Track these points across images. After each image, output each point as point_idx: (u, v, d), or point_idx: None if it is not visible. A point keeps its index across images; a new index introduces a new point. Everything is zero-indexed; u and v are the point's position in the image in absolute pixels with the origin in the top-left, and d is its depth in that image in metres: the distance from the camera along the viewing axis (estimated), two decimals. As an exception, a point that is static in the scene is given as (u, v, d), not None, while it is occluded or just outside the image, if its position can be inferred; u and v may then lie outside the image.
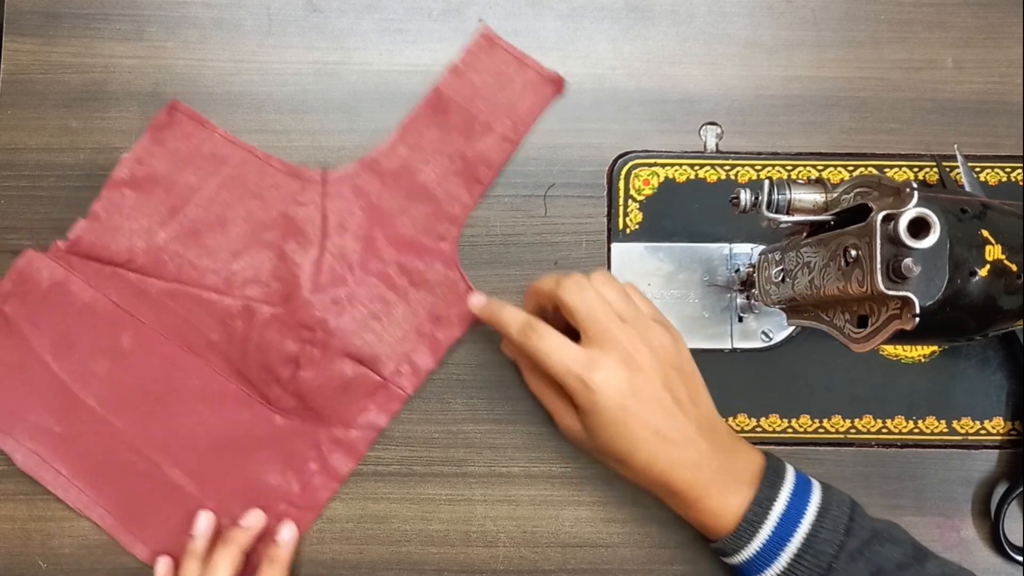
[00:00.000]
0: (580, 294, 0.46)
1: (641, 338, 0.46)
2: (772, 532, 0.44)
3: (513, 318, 0.48)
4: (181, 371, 0.53)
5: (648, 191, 0.55)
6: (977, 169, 0.55)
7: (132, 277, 0.53)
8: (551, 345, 0.46)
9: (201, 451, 0.52)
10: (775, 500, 0.44)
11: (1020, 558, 0.51)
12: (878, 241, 0.37)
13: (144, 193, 0.53)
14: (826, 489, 0.46)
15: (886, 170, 0.55)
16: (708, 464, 0.45)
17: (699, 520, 0.46)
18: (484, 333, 0.54)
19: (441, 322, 0.53)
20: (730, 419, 0.53)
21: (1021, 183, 0.55)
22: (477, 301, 0.51)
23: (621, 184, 0.55)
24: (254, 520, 0.51)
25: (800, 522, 0.44)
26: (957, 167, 0.53)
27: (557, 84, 0.55)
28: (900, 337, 0.39)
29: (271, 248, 0.53)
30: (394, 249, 0.53)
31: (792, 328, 0.53)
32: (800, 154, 0.55)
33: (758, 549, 0.44)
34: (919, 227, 0.36)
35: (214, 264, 0.53)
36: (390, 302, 0.52)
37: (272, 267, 0.53)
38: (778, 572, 0.44)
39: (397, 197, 0.54)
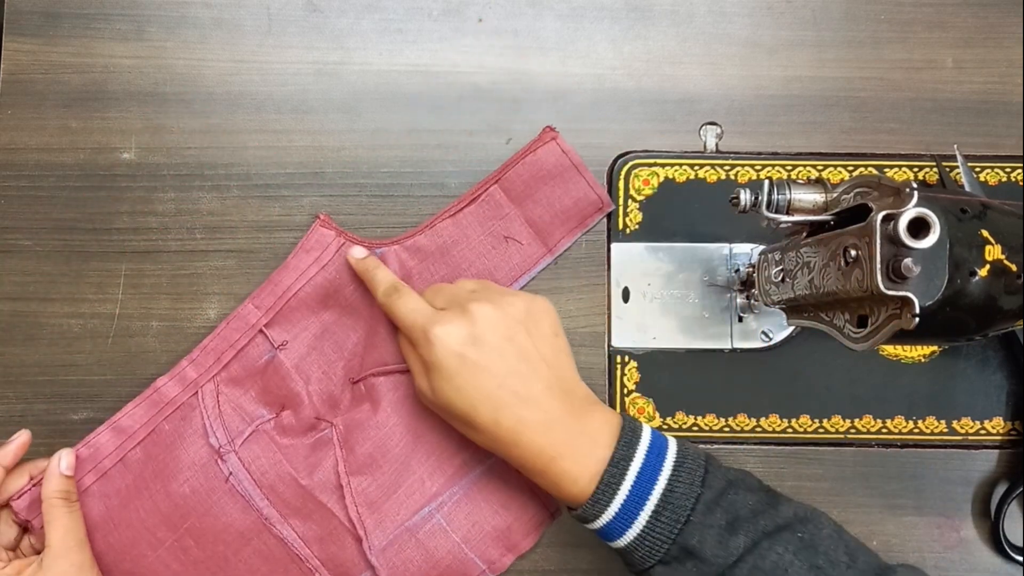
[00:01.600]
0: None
1: (487, 300, 0.47)
2: (630, 491, 0.43)
3: (383, 278, 0.51)
4: None
5: (648, 191, 0.55)
6: (977, 169, 0.55)
7: None
8: (408, 305, 0.48)
9: None
10: (632, 459, 0.44)
11: (1020, 558, 0.51)
12: (878, 241, 0.37)
13: None
14: (681, 445, 0.45)
15: (886, 170, 0.55)
16: (560, 426, 0.44)
17: (556, 485, 0.45)
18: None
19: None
20: (730, 419, 0.53)
21: (1021, 183, 0.55)
22: (358, 253, 0.52)
23: (621, 184, 0.55)
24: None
25: (657, 479, 0.43)
26: (957, 167, 0.53)
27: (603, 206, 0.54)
28: (900, 337, 0.38)
29: None
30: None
31: (792, 328, 0.53)
32: (800, 154, 0.55)
33: (617, 510, 0.43)
34: (919, 227, 0.36)
35: None
36: None
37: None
38: (638, 531, 0.43)
39: None
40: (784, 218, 0.45)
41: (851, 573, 0.41)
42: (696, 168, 0.55)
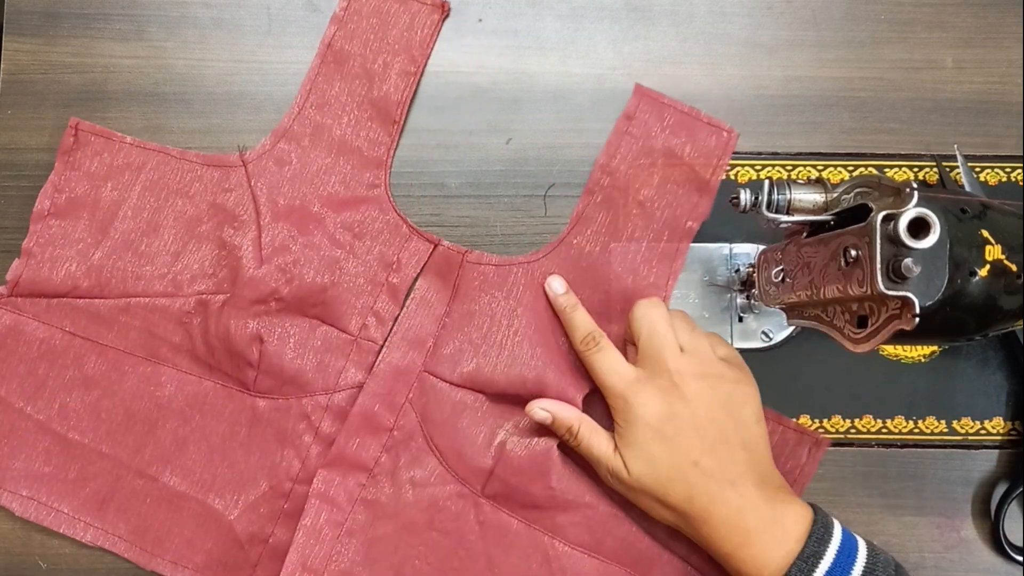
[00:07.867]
0: (649, 311, 0.48)
1: (697, 372, 0.47)
2: None
3: (582, 323, 0.50)
4: (153, 382, 0.53)
5: (648, 191, 0.55)
6: (977, 169, 0.55)
7: (80, 303, 0.53)
8: (607, 360, 0.48)
9: (195, 455, 0.52)
10: (822, 557, 0.43)
11: (1020, 558, 0.51)
12: (878, 241, 0.37)
13: (70, 219, 0.53)
14: (871, 550, 0.44)
15: (886, 170, 0.55)
16: (753, 512, 0.44)
17: (738, 568, 0.45)
18: (484, 333, 0.54)
19: (393, 267, 0.53)
20: (730, 419, 0.53)
21: (1021, 183, 0.55)
22: (557, 287, 0.52)
23: (621, 184, 0.55)
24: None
25: None
26: (957, 167, 0.53)
27: (442, 7, 0.55)
28: (900, 337, 0.39)
29: (209, 239, 0.53)
30: (329, 209, 0.53)
31: (792, 328, 0.53)
32: (800, 154, 0.55)
33: None
34: (919, 227, 0.36)
35: (157, 269, 0.53)
36: (338, 259, 0.53)
37: (214, 257, 0.53)
38: None
39: (319, 157, 0.54)
40: (784, 218, 0.45)
41: None
42: (696, 168, 0.55)
